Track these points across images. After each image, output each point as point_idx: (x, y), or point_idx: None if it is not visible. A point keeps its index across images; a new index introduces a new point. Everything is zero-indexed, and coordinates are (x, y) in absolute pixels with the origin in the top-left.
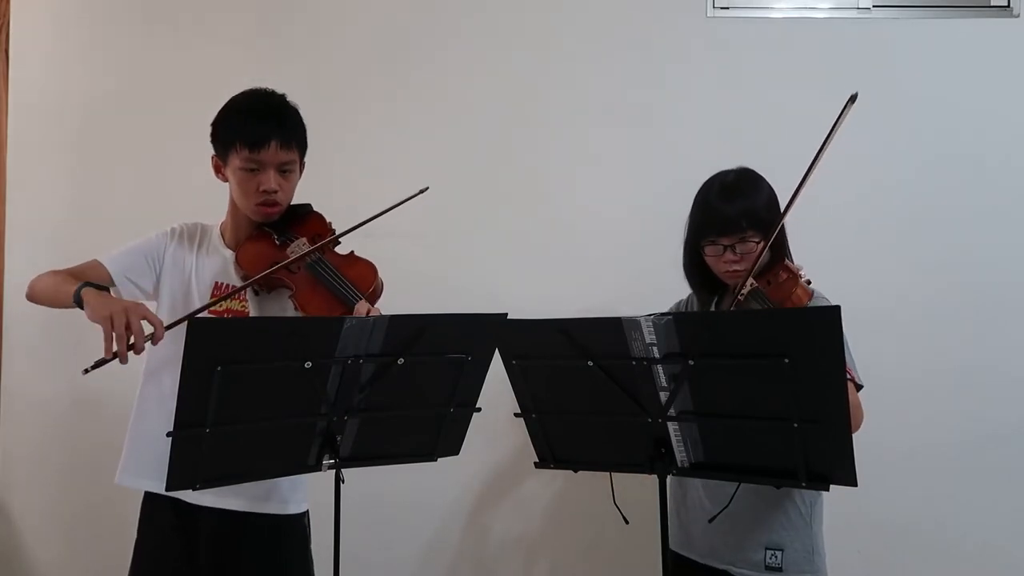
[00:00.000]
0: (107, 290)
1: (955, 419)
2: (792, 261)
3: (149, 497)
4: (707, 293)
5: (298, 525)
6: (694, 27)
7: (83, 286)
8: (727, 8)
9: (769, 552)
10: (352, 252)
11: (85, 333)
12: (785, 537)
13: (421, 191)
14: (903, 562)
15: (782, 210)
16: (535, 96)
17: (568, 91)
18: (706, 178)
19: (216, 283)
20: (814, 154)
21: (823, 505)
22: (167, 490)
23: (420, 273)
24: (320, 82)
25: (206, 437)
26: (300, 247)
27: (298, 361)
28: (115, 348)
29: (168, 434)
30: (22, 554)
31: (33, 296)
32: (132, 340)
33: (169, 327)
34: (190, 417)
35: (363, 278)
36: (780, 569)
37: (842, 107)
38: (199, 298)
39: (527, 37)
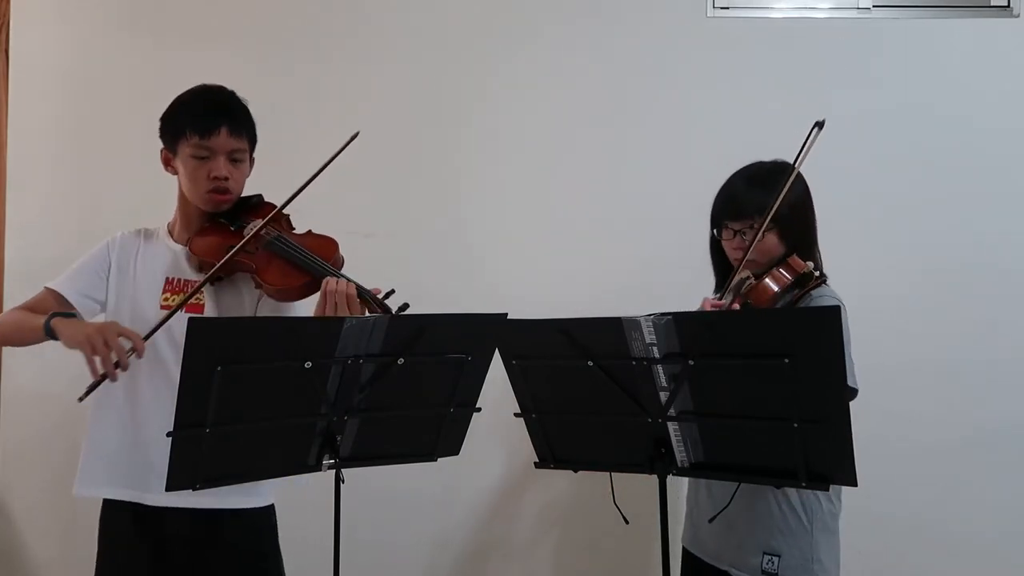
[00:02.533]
0: (74, 315)
1: (956, 415)
2: (810, 260)
3: (108, 505)
4: (723, 277)
5: (266, 518)
6: (694, 27)
7: (52, 316)
8: (727, 8)
9: (767, 557)
10: (310, 230)
11: None
12: (783, 543)
13: (352, 137)
14: (904, 561)
15: (804, 211)
16: (534, 96)
17: (568, 91)
18: (706, 177)
19: (168, 279)
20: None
21: (832, 515)
22: (167, 490)
23: (420, 273)
24: (319, 83)
25: (206, 437)
26: (254, 226)
27: (298, 361)
28: (101, 369)
29: (168, 434)
30: (22, 553)
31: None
32: (116, 358)
33: (147, 337)
34: (190, 417)
35: (324, 248)
36: (776, 574)
37: (808, 132)
38: (148, 297)
39: (526, 37)
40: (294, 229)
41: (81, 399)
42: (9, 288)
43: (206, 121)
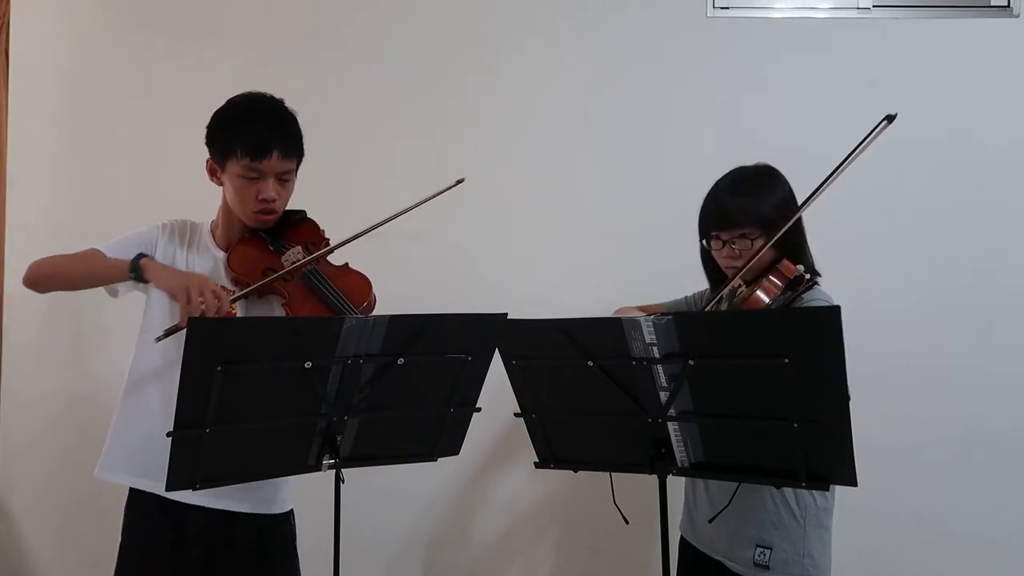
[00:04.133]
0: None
1: (955, 416)
2: (802, 263)
3: (134, 494)
4: (715, 283)
5: (285, 524)
6: (694, 27)
7: (140, 256)
8: (727, 8)
9: (759, 550)
10: (347, 264)
11: (84, 332)
12: (775, 536)
13: (458, 182)
14: (903, 561)
15: (791, 214)
16: (533, 96)
17: (568, 91)
18: (705, 177)
19: None
20: (835, 167)
21: (826, 511)
22: (167, 490)
23: (421, 273)
24: (319, 84)
25: (206, 437)
26: (295, 255)
27: (298, 361)
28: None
29: (168, 434)
30: (22, 552)
31: (42, 278)
32: (204, 311)
33: (235, 300)
34: (190, 417)
35: (358, 291)
36: (768, 567)
37: (876, 125)
38: None
39: (525, 37)
40: (331, 253)
41: (158, 339)
42: (9, 288)
43: (259, 144)
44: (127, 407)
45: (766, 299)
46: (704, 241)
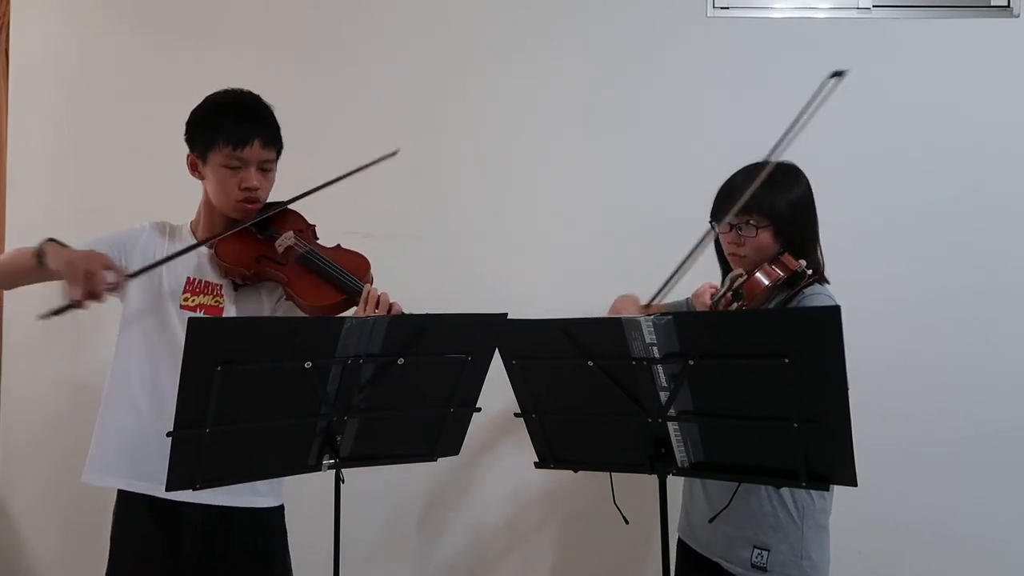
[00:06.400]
0: (68, 247)
1: (955, 417)
2: (806, 260)
3: (123, 496)
4: (727, 270)
5: (276, 519)
6: (694, 27)
7: (47, 241)
8: (727, 8)
9: (756, 551)
10: (339, 244)
11: (84, 332)
12: (773, 538)
13: (392, 153)
14: (904, 561)
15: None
16: (533, 95)
17: (568, 91)
18: (705, 177)
19: (188, 279)
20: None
21: (824, 512)
22: (167, 490)
23: (421, 273)
24: (316, 83)
25: (206, 437)
26: (288, 240)
27: (298, 361)
28: (76, 295)
29: (168, 434)
30: (21, 552)
31: None
32: (93, 286)
33: (133, 275)
34: (190, 417)
35: (357, 267)
36: (765, 569)
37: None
38: (170, 294)
39: (525, 37)
40: (317, 239)
41: (41, 317)
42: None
43: (240, 132)
44: (111, 409)
45: (766, 281)
46: (712, 223)
